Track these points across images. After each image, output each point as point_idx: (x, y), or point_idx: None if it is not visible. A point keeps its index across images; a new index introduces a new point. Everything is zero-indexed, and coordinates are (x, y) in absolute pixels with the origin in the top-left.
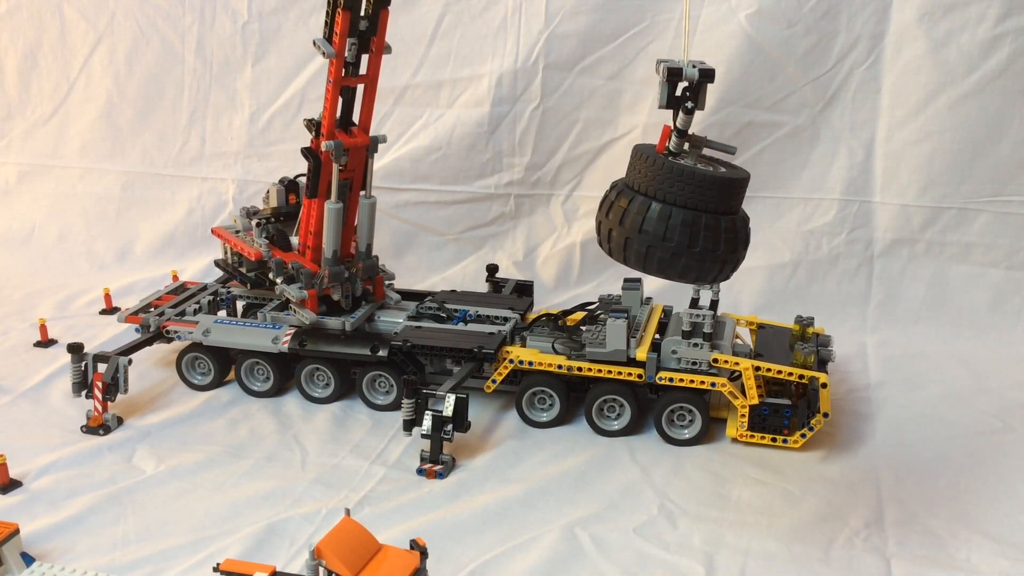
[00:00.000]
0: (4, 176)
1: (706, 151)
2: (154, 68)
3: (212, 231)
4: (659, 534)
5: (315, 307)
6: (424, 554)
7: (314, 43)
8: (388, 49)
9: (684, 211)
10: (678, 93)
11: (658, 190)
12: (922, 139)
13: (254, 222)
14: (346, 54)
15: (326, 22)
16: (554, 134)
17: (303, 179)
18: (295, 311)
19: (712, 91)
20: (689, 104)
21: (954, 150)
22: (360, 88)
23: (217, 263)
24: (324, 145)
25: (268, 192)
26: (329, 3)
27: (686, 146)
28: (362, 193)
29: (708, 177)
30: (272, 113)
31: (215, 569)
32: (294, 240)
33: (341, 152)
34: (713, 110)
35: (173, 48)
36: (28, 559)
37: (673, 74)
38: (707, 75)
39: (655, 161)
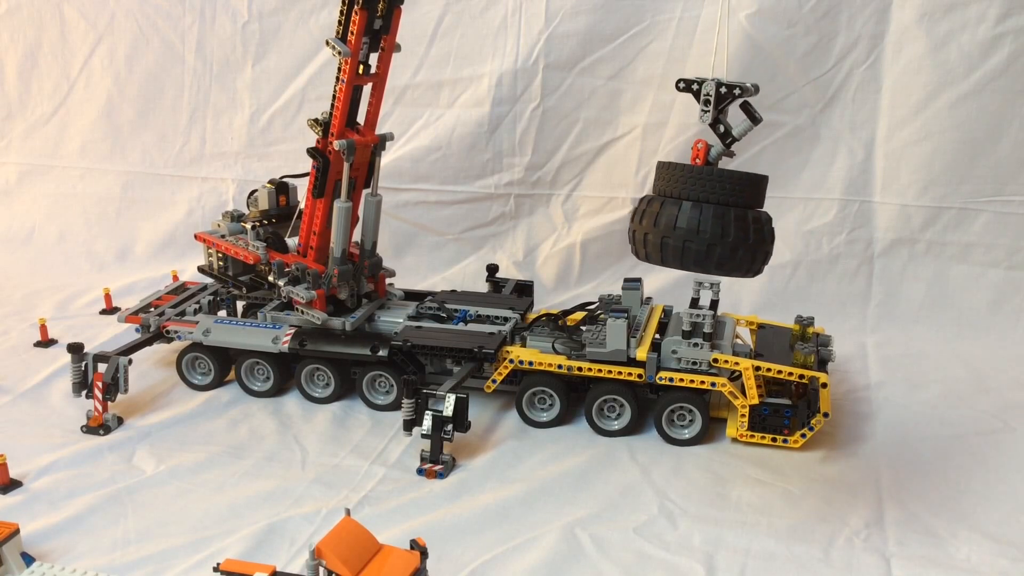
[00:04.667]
0: (4, 176)
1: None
2: (154, 68)
3: (196, 236)
4: (659, 534)
5: (324, 307)
6: (424, 554)
7: (327, 43)
8: (398, 48)
9: (715, 206)
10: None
11: (685, 191)
12: (922, 139)
13: (248, 225)
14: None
15: (340, 21)
16: (554, 134)
17: (292, 180)
18: (303, 312)
19: None
20: (758, 115)
21: (954, 150)
22: (366, 87)
23: (201, 269)
24: (336, 144)
25: (255, 195)
26: (344, 3)
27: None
28: (367, 191)
29: (730, 174)
30: (272, 113)
31: (215, 569)
32: (291, 241)
33: (352, 151)
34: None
35: (173, 48)
36: (28, 559)
37: (743, 91)
38: (757, 89)
39: (680, 168)
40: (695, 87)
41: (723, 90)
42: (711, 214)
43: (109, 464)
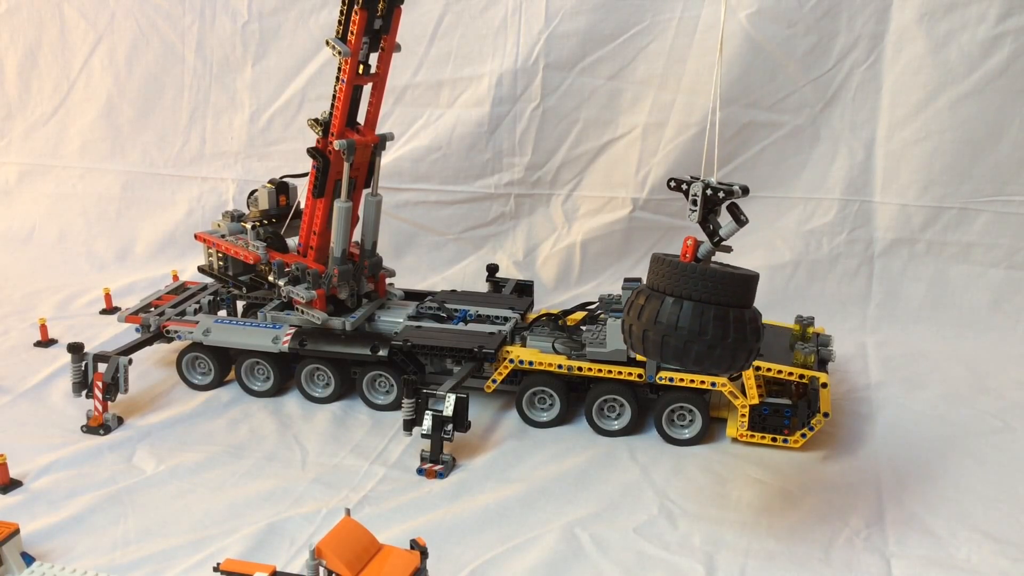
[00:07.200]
0: (4, 176)
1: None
2: (154, 68)
3: (196, 236)
4: (659, 534)
5: (324, 307)
6: (424, 554)
7: (327, 43)
8: (398, 48)
9: (694, 303)
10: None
11: (670, 286)
12: (922, 139)
13: (248, 225)
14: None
15: (340, 21)
16: (554, 134)
17: (292, 180)
18: (303, 312)
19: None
20: (744, 217)
21: (954, 150)
22: (366, 87)
23: (201, 269)
24: (337, 144)
25: (255, 195)
26: (344, 2)
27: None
28: (367, 191)
29: (713, 273)
30: (272, 113)
31: (215, 569)
32: (291, 241)
33: (353, 151)
34: (713, 110)
35: (173, 48)
36: (28, 559)
37: (728, 194)
38: (746, 191)
39: (667, 263)
40: (684, 187)
41: (709, 192)
42: (690, 312)
43: (109, 464)
